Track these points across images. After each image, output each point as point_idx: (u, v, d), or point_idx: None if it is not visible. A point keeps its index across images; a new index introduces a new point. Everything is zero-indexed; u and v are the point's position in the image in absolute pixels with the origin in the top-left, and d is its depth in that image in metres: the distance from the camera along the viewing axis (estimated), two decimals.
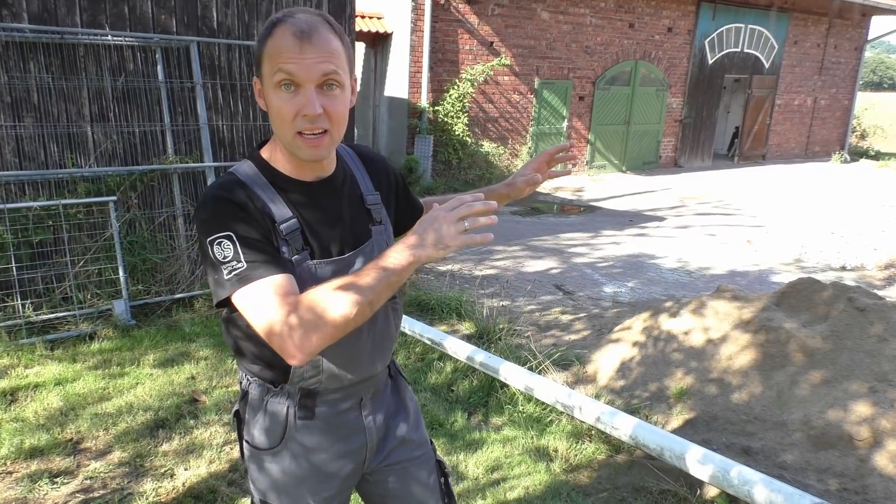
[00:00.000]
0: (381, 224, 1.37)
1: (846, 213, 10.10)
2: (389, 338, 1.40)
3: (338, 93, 1.17)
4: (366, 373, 1.36)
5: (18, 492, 2.60)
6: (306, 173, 1.26)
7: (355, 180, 1.35)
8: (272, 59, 1.14)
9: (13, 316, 4.11)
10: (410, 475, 1.51)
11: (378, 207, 1.37)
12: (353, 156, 1.40)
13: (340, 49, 1.17)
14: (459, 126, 10.70)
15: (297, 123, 1.15)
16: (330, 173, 1.30)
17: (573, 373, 3.82)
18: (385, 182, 1.42)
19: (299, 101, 1.14)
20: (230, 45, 4.97)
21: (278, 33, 1.14)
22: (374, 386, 1.42)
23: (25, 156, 4.31)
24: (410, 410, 1.54)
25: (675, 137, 14.80)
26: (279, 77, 1.14)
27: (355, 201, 1.33)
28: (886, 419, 2.74)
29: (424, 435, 1.57)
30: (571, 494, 2.75)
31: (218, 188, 1.20)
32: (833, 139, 18.51)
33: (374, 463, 1.45)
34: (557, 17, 11.95)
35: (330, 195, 1.29)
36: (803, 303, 3.59)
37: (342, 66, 1.17)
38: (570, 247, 7.50)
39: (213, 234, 1.14)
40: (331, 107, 1.16)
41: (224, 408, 3.33)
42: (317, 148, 1.18)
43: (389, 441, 1.46)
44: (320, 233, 1.26)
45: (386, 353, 1.40)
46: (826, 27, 16.73)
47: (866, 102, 21.34)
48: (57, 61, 4.33)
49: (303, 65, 1.12)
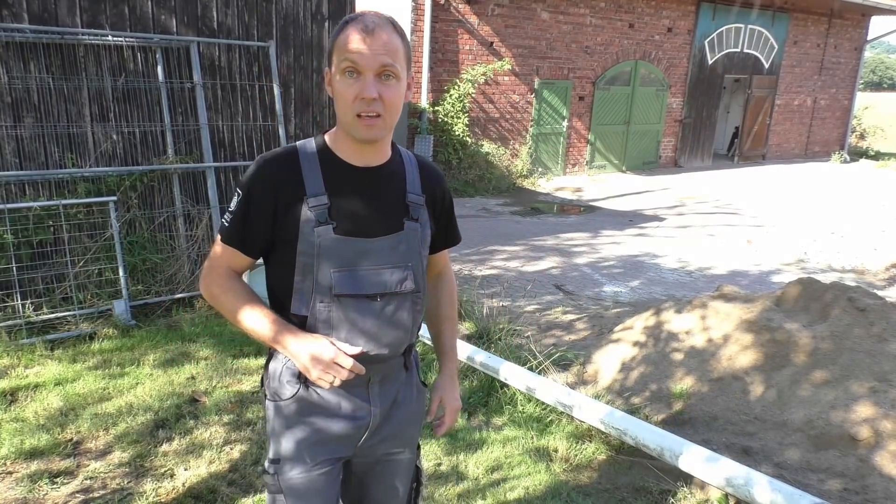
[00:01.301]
0: (417, 222, 1.46)
1: (846, 213, 10.10)
2: (401, 326, 1.45)
3: (394, 83, 1.33)
4: (372, 351, 1.41)
5: (18, 492, 2.60)
6: (356, 158, 1.41)
7: (403, 177, 1.47)
8: (340, 49, 1.31)
9: (13, 316, 4.11)
10: (389, 471, 1.58)
11: (418, 206, 1.47)
12: (412, 160, 1.51)
13: (400, 46, 1.33)
14: (460, 126, 10.69)
15: (356, 105, 1.31)
16: (379, 164, 1.43)
17: (573, 373, 3.82)
18: (433, 193, 1.52)
19: (359, 87, 1.30)
20: (230, 45, 4.97)
21: (349, 28, 1.31)
22: (383, 371, 1.48)
23: (26, 156, 4.31)
24: (413, 410, 1.57)
25: (675, 137, 14.81)
26: (344, 64, 1.31)
27: (397, 193, 1.45)
28: (887, 419, 2.74)
29: (416, 438, 1.62)
30: (571, 494, 2.75)
31: (269, 154, 1.41)
32: (833, 139, 18.51)
33: (367, 444, 1.51)
34: (557, 17, 11.96)
35: (371, 182, 1.41)
36: (804, 303, 3.59)
37: (400, 61, 1.33)
38: (570, 247, 7.50)
39: (240, 185, 1.40)
40: (386, 94, 1.32)
41: (224, 408, 3.33)
42: (371, 128, 1.33)
43: (384, 429, 1.51)
44: (350, 213, 1.38)
45: (396, 340, 1.45)
46: (826, 27, 16.74)
47: (866, 102, 21.34)
48: (57, 61, 4.33)
49: (365, 54, 1.29)
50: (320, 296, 1.37)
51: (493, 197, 10.58)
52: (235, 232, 1.40)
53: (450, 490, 2.73)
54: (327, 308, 1.37)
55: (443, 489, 2.73)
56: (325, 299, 1.37)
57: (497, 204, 10.05)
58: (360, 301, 1.38)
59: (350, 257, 1.37)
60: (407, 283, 1.43)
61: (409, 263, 1.43)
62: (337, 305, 1.37)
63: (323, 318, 1.38)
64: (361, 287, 1.38)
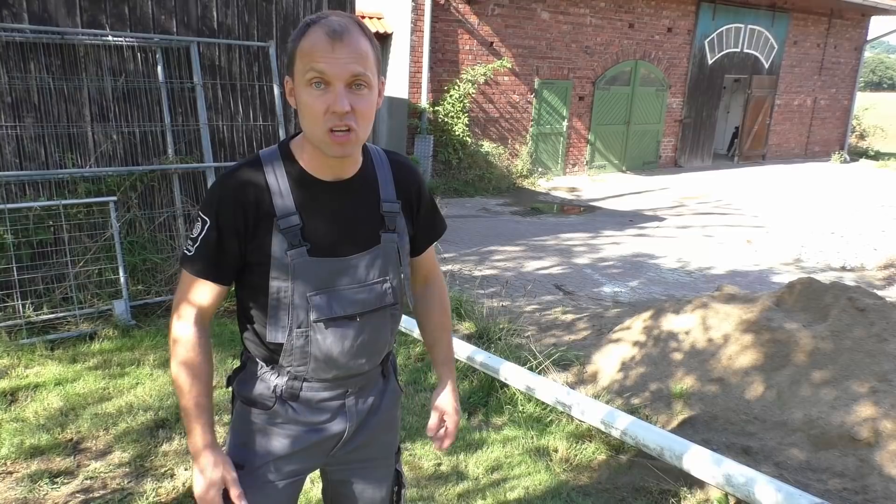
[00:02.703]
0: (394, 232, 1.38)
1: (846, 213, 10.10)
2: (382, 340, 1.42)
3: (366, 93, 1.22)
4: (353, 369, 1.38)
5: (19, 492, 2.60)
6: (325, 173, 1.30)
7: (376, 185, 1.37)
8: (304, 57, 1.19)
9: (13, 316, 4.11)
10: (368, 476, 1.54)
11: (394, 216, 1.38)
12: (384, 161, 1.41)
13: (370, 51, 1.22)
14: (460, 126, 10.70)
15: (326, 120, 1.19)
16: (350, 176, 1.33)
17: (573, 373, 3.82)
18: (409, 193, 1.43)
19: (329, 99, 1.18)
20: (230, 45, 4.97)
21: (312, 33, 1.19)
22: (361, 381, 1.44)
23: (26, 156, 4.31)
24: (390, 415, 1.54)
25: (674, 137, 14.81)
26: (311, 75, 1.18)
27: (370, 206, 1.36)
28: (887, 419, 2.74)
29: (395, 442, 1.59)
30: (571, 494, 2.75)
31: (231, 173, 1.29)
32: (833, 139, 18.51)
33: (340, 453, 1.47)
34: (557, 17, 11.96)
35: (343, 197, 1.32)
36: (803, 303, 3.59)
37: (371, 67, 1.21)
38: (570, 247, 7.50)
39: (201, 210, 1.29)
40: (358, 105, 1.20)
41: (224, 408, 3.33)
42: (344, 145, 1.22)
43: (358, 437, 1.47)
44: (323, 232, 1.30)
45: (376, 354, 1.42)
46: (826, 27, 16.74)
47: (866, 102, 21.33)
48: (57, 61, 4.33)
49: (334, 64, 1.17)
50: (297, 321, 1.30)
51: (492, 197, 10.58)
52: (206, 262, 1.28)
53: (450, 490, 2.73)
54: (304, 333, 1.31)
55: (443, 489, 2.74)
56: (302, 325, 1.30)
57: (497, 204, 10.05)
58: (339, 322, 1.32)
59: (326, 278, 1.30)
60: (387, 297, 1.37)
61: (388, 277, 1.37)
62: (315, 330, 1.31)
63: (299, 345, 1.32)
64: (341, 308, 1.32)
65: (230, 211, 1.25)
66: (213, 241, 1.27)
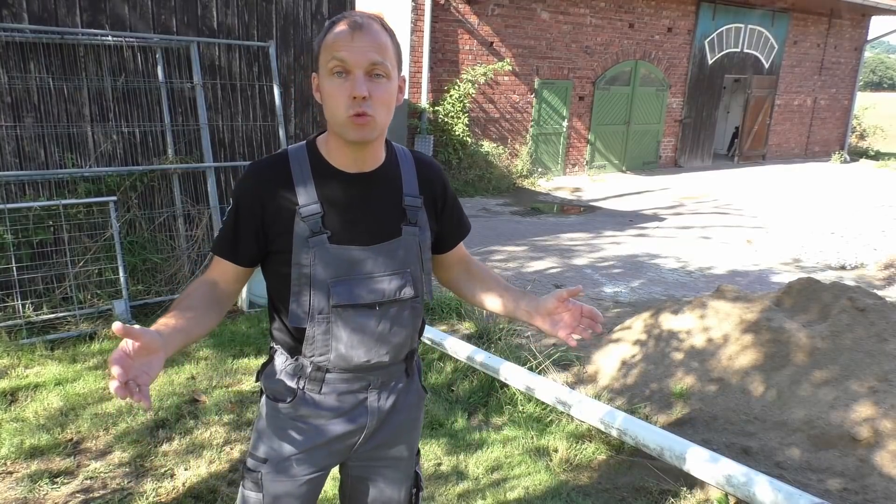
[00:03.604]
0: (416, 226, 1.42)
1: (846, 213, 10.10)
2: (402, 333, 1.44)
3: (384, 82, 1.27)
4: (373, 359, 1.41)
5: (19, 492, 2.60)
6: (349, 165, 1.36)
7: (399, 180, 1.42)
8: (327, 50, 1.27)
9: (13, 316, 4.11)
10: (388, 476, 1.56)
11: (416, 210, 1.42)
12: (408, 158, 1.46)
13: (389, 45, 1.28)
14: (460, 126, 10.69)
15: (348, 107, 1.26)
16: (373, 169, 1.38)
17: (573, 373, 3.82)
18: (433, 191, 1.47)
19: (349, 87, 1.25)
20: (230, 45, 4.97)
21: (335, 28, 1.27)
22: (384, 376, 1.46)
23: (26, 156, 4.31)
24: (413, 415, 1.56)
25: (674, 137, 14.81)
26: (332, 64, 1.26)
27: (393, 198, 1.40)
28: (887, 419, 2.74)
29: (415, 444, 1.60)
30: (571, 494, 2.75)
31: (259, 162, 1.39)
32: (833, 139, 18.51)
33: (362, 449, 1.50)
34: (557, 17, 11.96)
35: (365, 189, 1.38)
36: (803, 303, 3.59)
37: (390, 59, 1.28)
38: (570, 247, 7.50)
39: (232, 195, 1.40)
40: (376, 93, 1.26)
41: (224, 408, 3.33)
42: (362, 128, 1.28)
43: (380, 435, 1.50)
44: (344, 222, 1.35)
45: (396, 346, 1.44)
46: (826, 27, 16.74)
47: (866, 102, 21.33)
48: (57, 61, 4.33)
49: (353, 51, 1.24)
50: (318, 307, 1.35)
51: (493, 197, 10.58)
52: (226, 242, 1.38)
53: (450, 490, 2.73)
54: (325, 319, 1.36)
55: (443, 489, 2.74)
56: (323, 311, 1.35)
57: (497, 204, 10.05)
58: (358, 310, 1.37)
59: (347, 266, 1.35)
60: (406, 289, 1.40)
61: (408, 269, 1.40)
62: (335, 316, 1.36)
63: (322, 330, 1.37)
64: (360, 296, 1.36)
65: (249, 200, 1.34)
66: (231, 224, 1.37)
